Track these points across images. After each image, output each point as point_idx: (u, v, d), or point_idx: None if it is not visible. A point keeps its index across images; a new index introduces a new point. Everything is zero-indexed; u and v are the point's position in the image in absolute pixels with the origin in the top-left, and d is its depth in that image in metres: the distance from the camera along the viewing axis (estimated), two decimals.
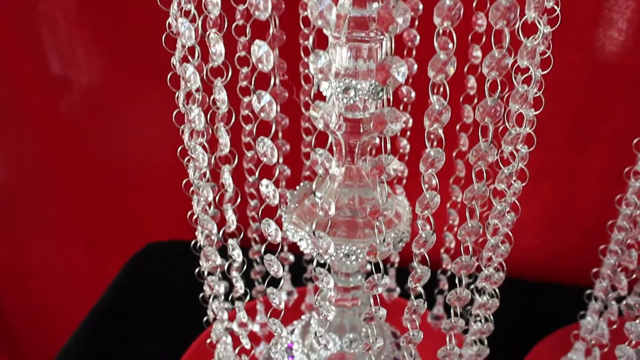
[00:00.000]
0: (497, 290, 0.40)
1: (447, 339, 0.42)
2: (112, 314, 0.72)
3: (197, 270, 0.43)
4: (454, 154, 0.50)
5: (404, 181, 0.53)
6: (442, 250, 0.56)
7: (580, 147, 0.74)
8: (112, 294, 0.74)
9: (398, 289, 0.61)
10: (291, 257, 0.57)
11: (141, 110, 0.80)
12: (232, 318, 0.44)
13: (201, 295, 0.45)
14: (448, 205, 0.53)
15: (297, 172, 0.56)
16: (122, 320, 0.71)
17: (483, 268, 0.39)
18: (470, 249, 0.35)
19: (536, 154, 0.38)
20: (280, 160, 0.53)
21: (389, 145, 0.29)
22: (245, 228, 0.47)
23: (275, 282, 0.36)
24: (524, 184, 0.37)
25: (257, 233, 0.56)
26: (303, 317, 0.52)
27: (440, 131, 0.30)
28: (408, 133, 0.52)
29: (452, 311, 0.40)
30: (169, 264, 0.79)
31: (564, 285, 0.77)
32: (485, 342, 0.44)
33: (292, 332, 0.51)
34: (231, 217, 0.38)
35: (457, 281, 0.38)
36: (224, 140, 0.36)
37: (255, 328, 0.60)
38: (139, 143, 0.84)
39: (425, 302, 0.37)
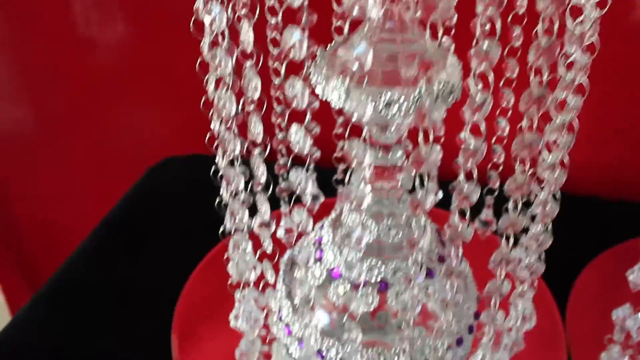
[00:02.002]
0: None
1: (503, 240, 0.37)
2: (123, 226, 0.67)
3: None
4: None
5: (453, 31, 0.45)
6: (488, 167, 0.50)
7: None
8: (123, 206, 0.70)
9: (441, 192, 0.55)
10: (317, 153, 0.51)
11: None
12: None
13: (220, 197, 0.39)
14: (497, 112, 0.47)
15: None
16: (133, 232, 0.66)
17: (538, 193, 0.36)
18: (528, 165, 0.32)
19: None
20: None
21: None
22: (270, 139, 0.43)
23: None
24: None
25: (283, 144, 0.50)
26: (334, 210, 0.46)
27: None
28: None
29: (510, 205, 0.36)
30: (186, 179, 0.74)
31: (626, 201, 0.69)
32: (543, 255, 0.38)
33: (322, 227, 0.44)
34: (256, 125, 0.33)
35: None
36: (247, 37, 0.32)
37: (280, 233, 0.54)
38: (158, 54, 0.78)
39: (479, 188, 0.31)
